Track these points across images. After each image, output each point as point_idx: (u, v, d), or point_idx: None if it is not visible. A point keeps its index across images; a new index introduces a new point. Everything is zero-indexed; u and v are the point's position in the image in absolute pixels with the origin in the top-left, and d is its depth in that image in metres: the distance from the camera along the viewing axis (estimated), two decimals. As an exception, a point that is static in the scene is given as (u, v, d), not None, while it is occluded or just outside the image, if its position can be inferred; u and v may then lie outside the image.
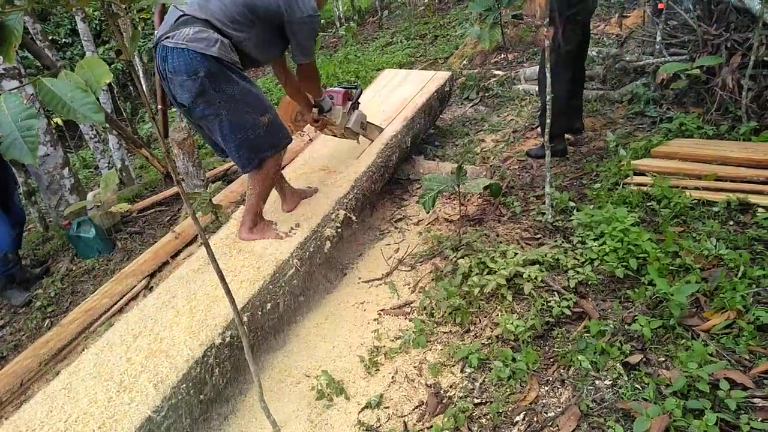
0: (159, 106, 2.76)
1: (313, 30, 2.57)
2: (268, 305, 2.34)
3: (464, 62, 6.54)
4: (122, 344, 2.13)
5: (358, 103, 3.31)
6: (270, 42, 2.57)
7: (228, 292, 1.65)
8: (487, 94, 5.40)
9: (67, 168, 4.56)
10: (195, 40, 2.23)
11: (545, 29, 2.84)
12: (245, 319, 2.18)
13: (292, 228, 2.72)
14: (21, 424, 1.84)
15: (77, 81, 1.05)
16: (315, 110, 3.08)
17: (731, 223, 2.54)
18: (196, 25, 2.26)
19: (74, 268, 4.18)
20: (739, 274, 2.13)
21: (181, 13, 2.29)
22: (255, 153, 2.51)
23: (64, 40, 11.89)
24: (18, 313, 3.81)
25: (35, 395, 1.98)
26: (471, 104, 5.39)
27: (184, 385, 1.90)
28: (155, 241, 3.97)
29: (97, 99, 1.03)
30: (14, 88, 0.99)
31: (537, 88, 2.89)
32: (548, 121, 2.88)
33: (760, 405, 1.60)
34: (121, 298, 3.35)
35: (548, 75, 3.17)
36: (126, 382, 1.93)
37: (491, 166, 3.85)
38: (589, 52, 4.95)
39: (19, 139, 0.96)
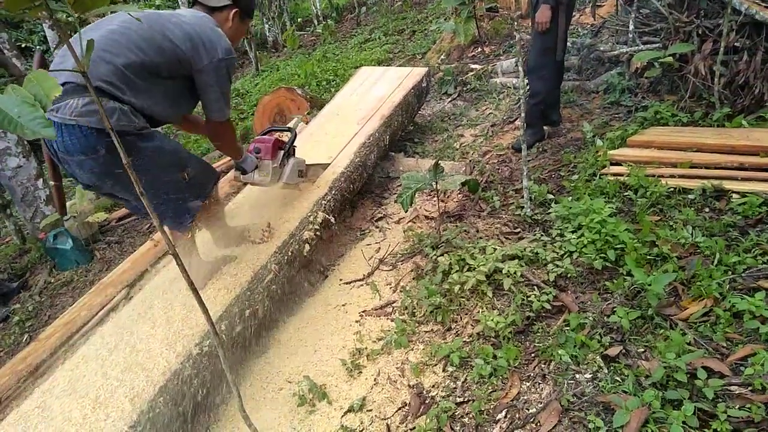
0: (52, 183, 2.39)
1: (226, 76, 2.18)
2: (247, 312, 2.31)
3: (442, 57, 6.52)
4: (97, 359, 2.09)
5: (294, 148, 2.93)
6: (180, 99, 2.18)
7: (201, 303, 1.61)
8: (465, 89, 5.40)
9: (41, 179, 4.48)
10: (87, 114, 1.84)
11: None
12: (223, 327, 2.15)
13: (264, 231, 2.61)
14: (-6, 446, 1.80)
15: (25, 95, 1.01)
16: (237, 173, 2.72)
17: (707, 210, 2.56)
18: (85, 95, 1.85)
19: (53, 281, 4.11)
20: (715, 262, 2.14)
21: (65, 80, 1.87)
22: (184, 211, 2.22)
23: (37, 47, 11.67)
24: (-5, 329, 3.74)
25: (9, 415, 1.94)
26: (449, 99, 5.38)
27: (162, 398, 1.87)
28: (134, 250, 3.91)
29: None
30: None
31: (519, 80, 2.86)
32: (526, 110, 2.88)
33: (737, 392, 1.60)
34: (101, 310, 3.29)
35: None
36: (102, 397, 1.89)
37: (471, 161, 3.85)
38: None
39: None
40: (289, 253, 2.62)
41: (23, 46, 11.45)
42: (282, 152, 2.78)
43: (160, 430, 1.85)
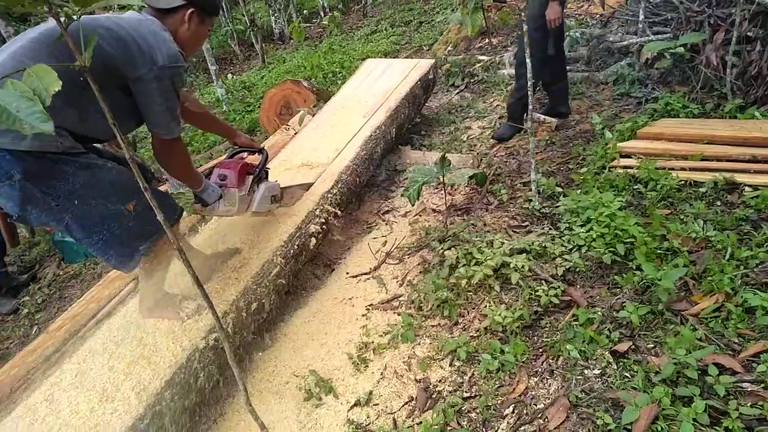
0: None
1: (170, 87, 1.84)
2: (253, 306, 2.30)
3: (449, 48, 6.47)
4: (104, 352, 2.09)
5: (267, 170, 2.63)
6: (121, 114, 1.81)
7: (206, 297, 1.61)
8: (472, 80, 5.35)
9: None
10: None
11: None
12: (229, 321, 2.14)
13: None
14: (3, 439, 1.81)
15: (23, 90, 1.00)
16: (197, 205, 2.34)
17: (718, 203, 2.52)
18: None
19: (61, 273, 4.13)
20: (727, 256, 2.11)
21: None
22: (128, 249, 1.93)
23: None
24: (6, 320, 3.77)
25: (17, 407, 1.94)
26: (457, 91, 5.34)
27: (168, 392, 1.87)
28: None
29: (46, 108, 0.98)
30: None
31: (528, 71, 2.82)
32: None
33: (749, 389, 1.58)
34: (109, 302, 3.31)
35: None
36: (109, 390, 1.89)
37: (478, 153, 3.81)
38: (573, 33, 4.94)
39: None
40: (296, 247, 2.61)
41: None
42: (251, 177, 2.46)
43: (166, 423, 1.85)
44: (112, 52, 1.72)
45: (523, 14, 2.86)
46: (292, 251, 2.58)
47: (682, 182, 2.67)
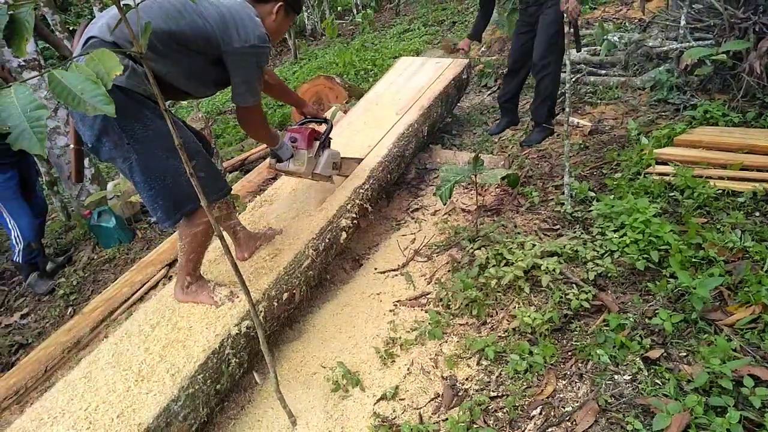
0: (72, 146, 2.24)
1: (256, 65, 2.09)
2: (284, 295, 2.34)
3: (482, 49, 6.45)
4: (140, 334, 2.15)
5: (330, 140, 2.88)
6: (205, 77, 2.10)
7: (243, 282, 1.65)
8: (505, 82, 5.31)
9: (87, 158, 4.61)
10: None
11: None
12: (261, 309, 2.19)
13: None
14: (43, 412, 1.87)
15: (88, 73, 1.04)
16: (272, 160, 2.72)
17: (757, 214, 2.47)
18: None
19: (95, 257, 4.25)
20: (765, 267, 2.07)
21: (90, 35, 1.87)
22: (174, 206, 2.03)
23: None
24: (42, 301, 3.89)
25: (57, 383, 2.01)
26: (489, 92, 5.32)
27: (201, 376, 1.92)
28: (174, 231, 4.00)
29: (108, 91, 1.02)
30: (28, 78, 1.00)
31: (566, 74, 2.82)
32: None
33: (785, 402, 1.55)
34: (141, 287, 3.39)
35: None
36: (144, 371, 1.95)
37: (509, 155, 3.80)
38: (611, 37, 4.87)
39: (27, 129, 0.95)
40: (327, 240, 2.64)
41: (70, 29, 11.78)
42: (318, 143, 2.76)
43: (198, 406, 1.90)
44: (213, 26, 1.96)
45: (565, 16, 2.81)
46: (323, 244, 2.61)
47: (720, 191, 2.63)
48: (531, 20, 3.77)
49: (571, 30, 3.30)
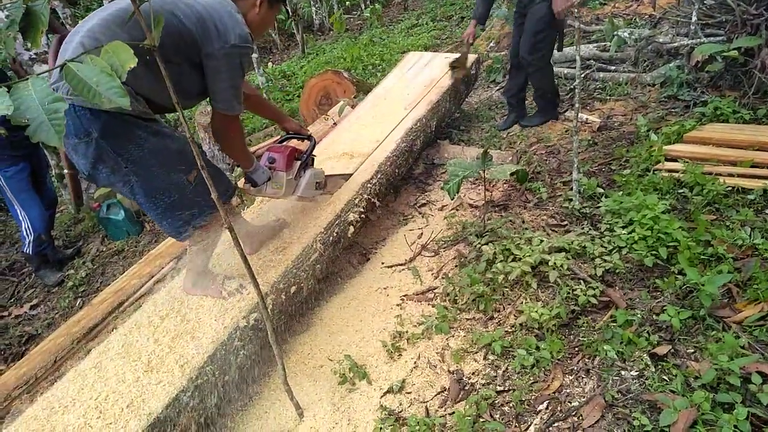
0: (66, 171, 2.10)
1: (237, 67, 1.94)
2: (292, 289, 2.35)
3: (491, 44, 6.42)
4: (150, 325, 2.17)
5: (313, 158, 2.68)
6: (186, 87, 1.95)
7: (252, 275, 1.66)
8: (513, 77, 5.29)
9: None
10: None
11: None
12: (269, 302, 2.20)
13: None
14: (54, 401, 1.90)
15: (103, 66, 1.05)
16: (246, 185, 2.44)
17: (767, 211, 2.46)
18: None
19: (104, 250, 4.28)
20: (775, 265, 2.07)
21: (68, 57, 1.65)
22: (184, 223, 2.01)
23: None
24: (51, 292, 3.94)
25: (67, 373, 2.04)
26: (497, 87, 5.30)
27: (210, 367, 1.93)
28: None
29: (123, 84, 1.03)
30: (43, 72, 1.00)
31: (576, 70, 2.82)
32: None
33: (793, 400, 1.55)
34: (150, 279, 3.42)
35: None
36: (153, 362, 1.97)
37: (518, 150, 3.79)
38: (621, 33, 4.84)
39: (45, 122, 0.96)
40: (335, 234, 2.65)
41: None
42: (298, 163, 2.54)
43: (207, 397, 1.91)
44: (191, 27, 1.83)
45: (575, 11, 2.82)
46: (331, 238, 2.62)
47: (730, 188, 2.61)
48: (524, 12, 3.87)
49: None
